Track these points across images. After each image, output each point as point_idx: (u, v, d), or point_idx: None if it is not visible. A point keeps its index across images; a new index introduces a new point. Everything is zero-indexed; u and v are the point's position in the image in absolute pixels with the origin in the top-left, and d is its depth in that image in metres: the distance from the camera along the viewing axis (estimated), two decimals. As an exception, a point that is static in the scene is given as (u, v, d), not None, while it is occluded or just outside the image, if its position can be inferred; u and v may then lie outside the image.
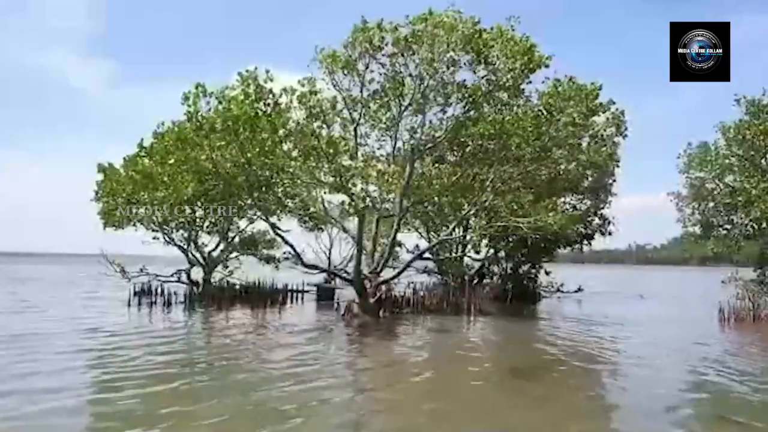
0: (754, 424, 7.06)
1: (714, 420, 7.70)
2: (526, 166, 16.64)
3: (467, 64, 14.62)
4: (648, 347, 13.72)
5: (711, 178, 21.00)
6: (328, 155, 12.89)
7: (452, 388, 9.01)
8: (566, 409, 7.87)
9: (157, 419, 6.58)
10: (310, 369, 9.80)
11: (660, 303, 28.16)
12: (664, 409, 7.91)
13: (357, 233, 16.83)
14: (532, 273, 26.13)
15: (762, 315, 19.04)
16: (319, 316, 18.94)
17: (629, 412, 7.89)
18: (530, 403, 8.08)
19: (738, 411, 7.76)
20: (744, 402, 8.37)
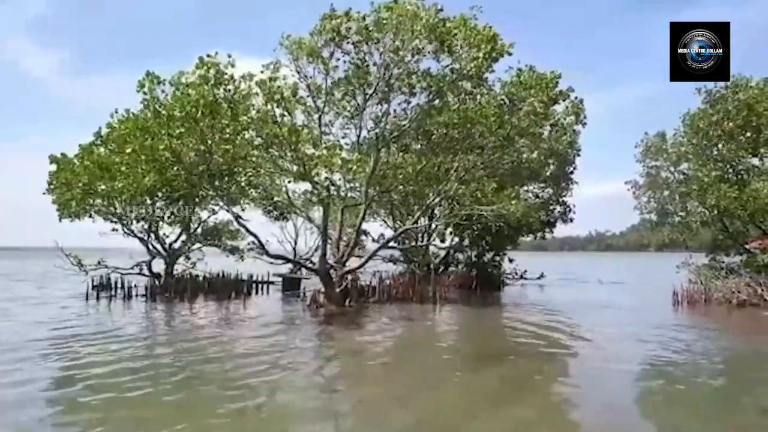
0: (695, 393, 8.02)
1: (662, 391, 8.27)
2: (489, 155, 16.83)
3: (431, 52, 14.62)
4: (605, 330, 14.15)
5: (666, 166, 21.74)
6: (290, 143, 12.71)
7: (418, 375, 9.08)
8: (529, 392, 8.09)
9: (119, 416, 6.45)
10: (276, 359, 9.72)
11: (618, 288, 29.04)
12: (619, 385, 8.40)
13: (322, 222, 16.74)
14: (496, 261, 26.56)
15: (713, 298, 19.86)
16: (285, 306, 18.78)
17: (588, 391, 8.23)
18: (495, 387, 8.25)
19: (684, 384, 8.56)
20: (689, 375, 9.16)
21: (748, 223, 21.10)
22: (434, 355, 11.10)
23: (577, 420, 6.89)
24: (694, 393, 8.21)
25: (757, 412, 7.24)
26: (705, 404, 7.64)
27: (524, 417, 6.73)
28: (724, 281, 20.59)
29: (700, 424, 6.70)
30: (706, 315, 18.09)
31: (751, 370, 10.04)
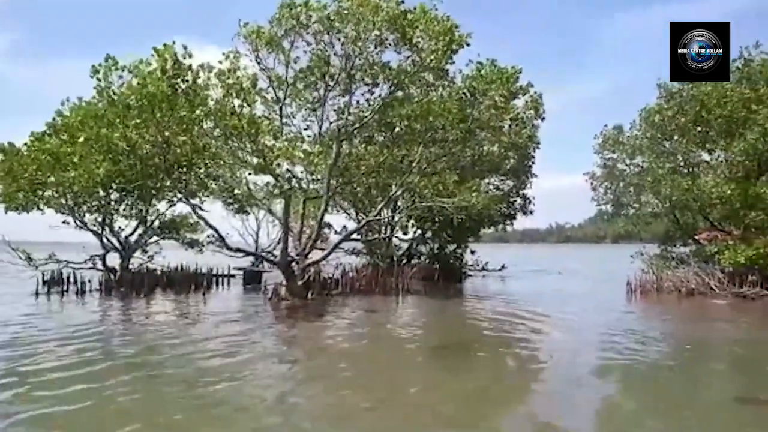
0: (648, 373, 8.48)
1: (618, 374, 8.75)
2: (451, 148, 16.96)
3: (393, 44, 14.58)
4: (563, 318, 14.55)
5: (623, 159, 22.39)
6: (250, 135, 12.47)
7: (380, 366, 9.15)
8: (490, 379, 8.28)
9: (74, 416, 6.22)
10: (236, 353, 9.58)
11: (575, 279, 29.88)
12: (577, 370, 8.69)
13: (283, 215, 16.55)
14: (458, 252, 26.88)
15: (664, 287, 20.65)
16: (246, 300, 18.52)
17: (547, 378, 8.57)
18: (456, 376, 8.33)
19: (638, 365, 9.03)
20: (643, 358, 9.54)
21: (697, 215, 21.97)
22: (397, 345, 11.17)
23: (540, 406, 7.08)
24: (645, 379, 8.53)
25: (708, 398, 7.59)
26: (655, 389, 7.93)
27: (484, 402, 6.86)
28: (675, 271, 21.42)
29: (648, 407, 6.96)
30: (657, 303, 18.82)
31: (699, 357, 10.51)
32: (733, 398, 7.44)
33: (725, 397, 7.54)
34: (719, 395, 7.74)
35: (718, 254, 19.77)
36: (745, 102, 18.95)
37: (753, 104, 18.86)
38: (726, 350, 11.08)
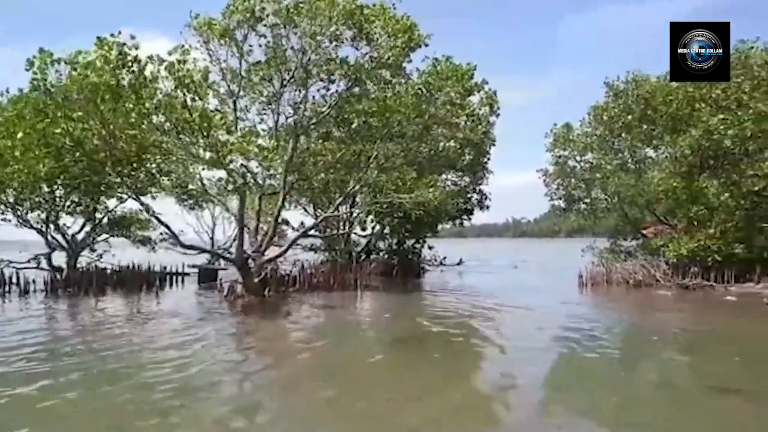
0: (597, 357, 8.90)
1: (569, 358, 9.13)
2: (408, 144, 17.04)
3: (350, 39, 14.50)
4: (518, 311, 14.90)
5: (573, 156, 23.03)
6: (202, 129, 12.15)
7: (337, 361, 9.13)
8: (447, 371, 8.38)
9: (23, 420, 5.94)
10: (190, 353, 9.34)
11: (530, 272, 30.64)
12: (529, 359, 9.05)
13: (239, 211, 16.25)
14: (417, 248, 27.09)
15: (613, 279, 21.42)
16: (201, 298, 18.12)
17: (503, 366, 8.86)
18: (414, 370, 8.41)
19: (589, 351, 9.51)
20: (593, 344, 10.17)
21: (644, 210, 22.86)
22: (355, 340, 11.21)
23: (497, 393, 7.26)
24: (593, 366, 8.84)
25: (649, 383, 7.92)
26: (603, 376, 8.26)
27: (439, 395, 6.94)
28: (623, 264, 22.25)
29: (597, 393, 7.21)
30: (607, 295, 19.52)
31: (645, 345, 11.00)
32: (681, 383, 7.84)
33: (669, 382, 7.91)
34: (665, 379, 8.09)
35: (663, 247, 20.64)
36: (689, 100, 19.81)
37: (696, 103, 19.73)
38: (671, 338, 11.58)
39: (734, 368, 8.77)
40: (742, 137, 18.70)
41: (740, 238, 19.69)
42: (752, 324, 13.04)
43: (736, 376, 8.21)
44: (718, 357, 9.70)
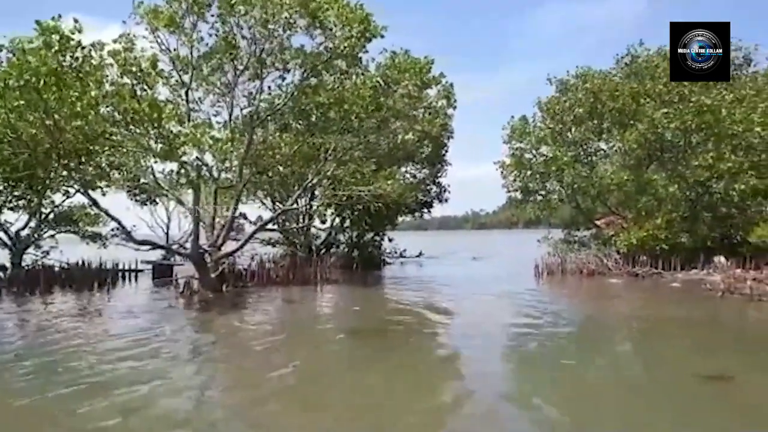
0: (550, 337, 9.28)
1: (524, 345, 9.44)
2: (366, 136, 16.98)
3: (303, 28, 14.28)
4: (476, 301, 15.14)
5: (529, 148, 23.50)
6: (152, 120, 11.74)
7: (298, 356, 9.02)
8: (408, 362, 8.46)
9: None
10: (144, 352, 8.99)
11: (488, 263, 31.17)
12: (487, 347, 9.30)
13: (193, 205, 15.84)
14: (377, 240, 27.14)
15: (568, 269, 22.03)
16: (156, 295, 17.59)
17: (463, 355, 9.02)
18: (375, 362, 8.45)
19: (543, 338, 9.84)
20: (546, 325, 10.85)
21: (596, 201, 23.58)
22: (314, 334, 11.13)
23: (456, 383, 7.38)
24: (549, 352, 9.13)
25: (602, 368, 8.19)
26: (557, 362, 8.47)
27: (402, 387, 6.96)
28: (577, 254, 22.93)
29: (549, 380, 7.40)
30: (561, 284, 20.07)
31: (596, 330, 11.40)
32: (632, 366, 8.17)
33: (621, 366, 8.24)
34: (617, 364, 8.39)
35: (615, 237, 21.38)
36: (634, 95, 20.50)
37: (641, 98, 20.44)
38: (622, 324, 12.02)
39: (681, 350, 9.21)
40: (684, 130, 19.50)
41: (685, 227, 20.59)
42: (695, 308, 13.65)
43: (683, 356, 8.65)
44: (664, 340, 10.12)
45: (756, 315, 12.82)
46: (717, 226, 21.03)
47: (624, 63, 22.66)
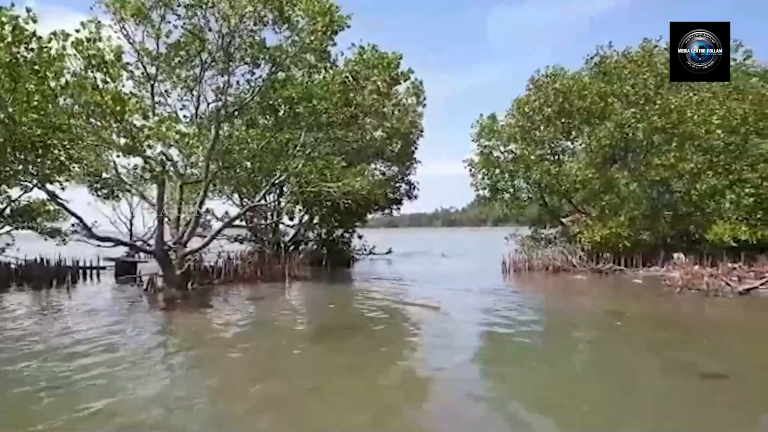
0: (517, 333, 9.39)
1: (492, 340, 9.50)
2: (335, 132, 16.89)
3: (271, 22, 14.09)
4: (444, 297, 15.19)
5: (498, 146, 23.77)
6: (115, 113, 11.40)
7: (265, 353, 8.97)
8: (378, 357, 8.51)
9: None
10: (105, 350, 8.76)
11: (457, 260, 31.43)
12: (456, 341, 9.55)
13: (157, 201, 15.48)
14: (346, 237, 27.07)
15: (534, 265, 22.40)
16: (118, 292, 17.12)
17: (432, 347, 9.27)
18: (343, 359, 8.41)
19: (509, 334, 10.04)
20: (514, 321, 10.90)
21: (562, 199, 24.03)
22: (281, 332, 11.01)
23: (424, 377, 7.47)
24: (515, 347, 9.29)
25: (568, 360, 8.36)
26: (524, 356, 8.62)
27: (366, 383, 6.95)
28: (544, 250, 23.33)
29: (517, 373, 7.51)
30: (528, 280, 20.38)
31: (561, 326, 11.62)
32: (596, 359, 8.32)
33: (586, 359, 8.40)
34: (582, 356, 8.58)
35: (579, 234, 21.82)
36: (602, 95, 20.96)
37: (608, 98, 20.91)
38: (586, 319, 12.28)
39: (638, 342, 9.53)
40: (649, 130, 20.04)
41: (647, 225, 21.16)
42: (653, 304, 14.06)
43: (640, 348, 8.94)
44: (625, 334, 10.41)
45: (710, 310, 13.30)
46: (677, 224, 21.68)
47: (593, 63, 23.12)
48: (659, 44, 21.65)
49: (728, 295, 14.55)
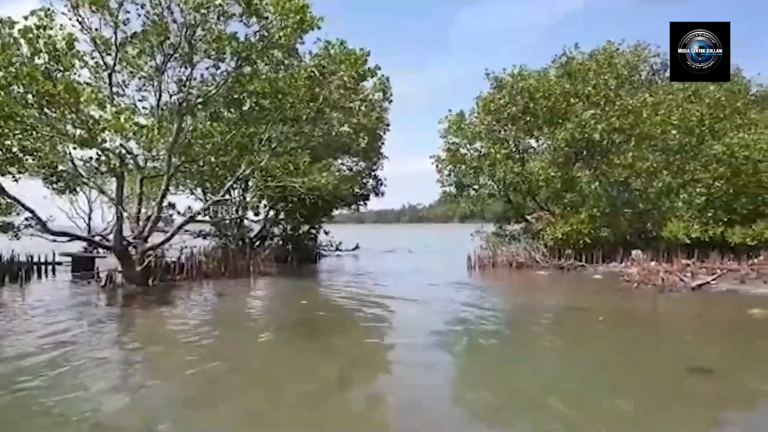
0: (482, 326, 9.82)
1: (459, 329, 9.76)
2: (301, 127, 16.74)
3: (238, 15, 13.84)
4: (410, 293, 15.35)
5: (464, 143, 23.99)
6: (69, 103, 11.00)
7: (227, 350, 8.85)
8: (345, 353, 8.49)
9: None
10: (60, 350, 8.39)
11: (423, 256, 31.68)
12: (427, 331, 9.78)
13: (116, 195, 15.04)
14: (312, 233, 26.90)
15: (499, 261, 22.75)
16: (75, 289, 16.58)
17: (398, 344, 9.24)
18: (310, 355, 8.37)
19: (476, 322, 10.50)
20: (479, 315, 11.20)
21: (526, 196, 24.45)
22: (243, 328, 10.90)
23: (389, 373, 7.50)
24: (479, 342, 9.46)
25: (531, 353, 8.53)
26: (488, 351, 8.75)
27: (328, 379, 6.93)
28: (508, 247, 23.69)
29: (479, 367, 7.62)
30: (492, 276, 20.71)
31: (524, 319, 11.87)
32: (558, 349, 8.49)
33: (546, 351, 8.61)
34: (543, 349, 8.76)
35: (542, 231, 22.25)
36: (565, 95, 21.38)
37: (572, 98, 21.34)
38: (547, 314, 12.56)
39: (597, 334, 9.82)
40: (609, 130, 20.56)
41: (607, 222, 21.73)
42: (611, 298, 14.48)
43: (599, 341, 9.18)
44: (583, 327, 10.70)
45: (664, 304, 13.80)
46: (635, 221, 22.32)
47: (559, 63, 23.54)
48: (621, 47, 22.23)
49: (682, 290, 15.09)
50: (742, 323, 11.08)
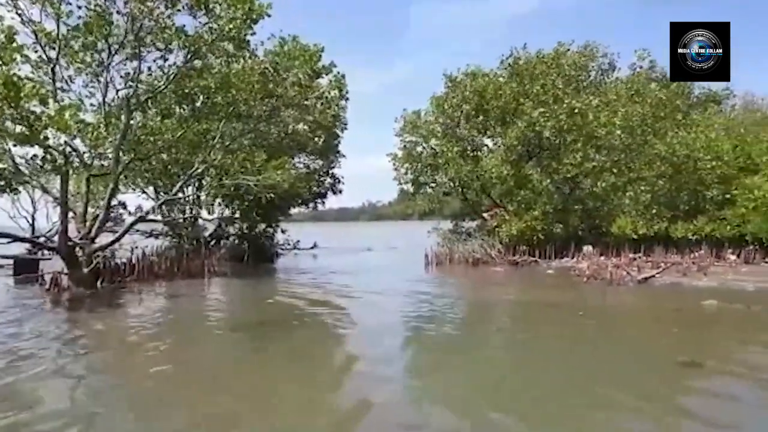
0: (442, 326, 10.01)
1: (413, 332, 9.91)
2: (255, 124, 16.49)
3: (186, 7, 13.50)
4: (367, 290, 15.39)
5: (420, 141, 24.25)
6: (8, 99, 10.48)
7: (180, 351, 8.69)
8: (299, 353, 8.39)
9: None
10: (2, 358, 8.04)
11: (383, 253, 31.82)
12: (385, 328, 10.00)
13: (61, 194, 14.43)
14: (269, 232, 26.59)
15: (455, 258, 23.09)
16: (17, 293, 15.82)
17: (357, 341, 9.30)
18: (265, 355, 8.29)
19: (432, 319, 10.71)
20: (436, 311, 11.64)
21: (481, 194, 24.89)
22: (199, 331, 10.66)
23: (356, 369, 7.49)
24: (437, 336, 9.59)
25: (488, 348, 8.70)
26: (446, 346, 8.90)
27: (277, 378, 6.88)
28: (464, 244, 24.08)
29: (438, 362, 7.73)
30: (449, 272, 21.00)
31: (480, 315, 12.16)
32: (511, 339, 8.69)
33: (503, 346, 8.85)
34: (498, 343, 8.96)
35: (498, 228, 22.72)
36: (515, 95, 21.88)
37: (521, 98, 21.86)
38: (501, 308, 12.87)
39: (548, 328, 10.09)
40: (558, 129, 21.18)
41: (559, 218, 22.39)
42: (563, 292, 14.96)
43: (550, 334, 9.49)
44: (534, 321, 11.02)
45: (611, 297, 14.35)
46: (586, 218, 23.10)
47: (508, 63, 24.04)
48: (571, 48, 22.88)
49: (629, 283, 15.71)
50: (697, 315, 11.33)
